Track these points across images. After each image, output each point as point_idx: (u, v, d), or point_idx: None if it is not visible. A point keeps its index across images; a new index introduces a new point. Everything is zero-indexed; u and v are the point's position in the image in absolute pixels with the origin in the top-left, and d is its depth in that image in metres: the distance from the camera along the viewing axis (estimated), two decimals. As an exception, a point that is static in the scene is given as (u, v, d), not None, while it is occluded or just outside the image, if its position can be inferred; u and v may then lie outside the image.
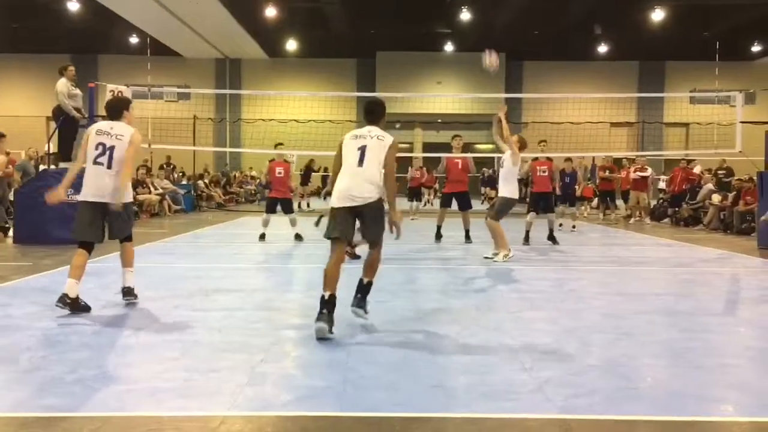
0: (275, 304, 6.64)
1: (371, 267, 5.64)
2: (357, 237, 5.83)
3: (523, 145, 10.06)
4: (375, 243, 5.55)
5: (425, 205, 18.53)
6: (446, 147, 13.20)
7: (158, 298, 6.66)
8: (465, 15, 27.44)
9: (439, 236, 12.07)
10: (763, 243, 11.53)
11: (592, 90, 30.44)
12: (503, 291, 7.36)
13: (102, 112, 13.63)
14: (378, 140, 5.46)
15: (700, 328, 5.70)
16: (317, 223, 11.06)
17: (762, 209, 11.83)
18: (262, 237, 12.04)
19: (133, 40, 30.77)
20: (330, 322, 5.12)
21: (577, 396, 3.87)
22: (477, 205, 26.44)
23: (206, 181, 24.66)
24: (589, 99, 26.81)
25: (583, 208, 20.34)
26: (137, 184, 17.92)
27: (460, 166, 12.11)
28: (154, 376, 4.14)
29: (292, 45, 32.26)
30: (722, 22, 27.98)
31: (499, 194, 10.10)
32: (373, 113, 5.79)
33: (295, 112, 25.06)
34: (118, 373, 4.23)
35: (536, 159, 12.97)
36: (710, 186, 17.15)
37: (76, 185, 7.74)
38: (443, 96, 31.63)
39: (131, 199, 6.51)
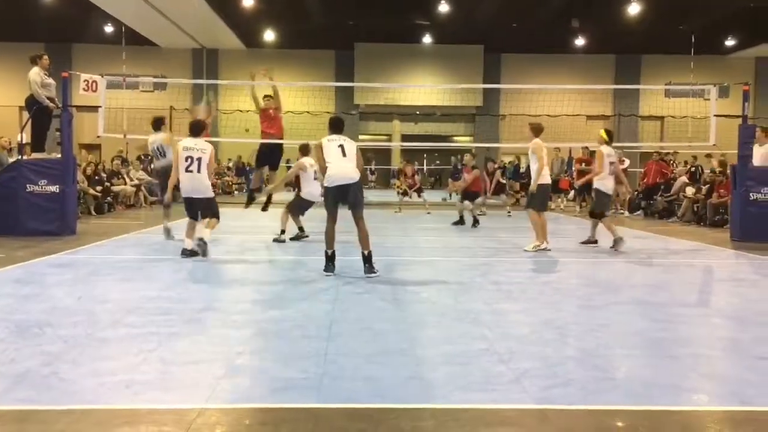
0: (253, 296, 6.61)
1: (364, 239, 7.51)
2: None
3: (539, 130, 10.18)
4: (360, 216, 7.54)
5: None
6: (424, 138, 13.41)
7: (135, 290, 6.60)
8: (444, 7, 27.40)
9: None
10: (736, 235, 11.71)
11: (569, 83, 30.60)
12: (481, 283, 7.40)
13: (76, 101, 13.50)
14: (349, 142, 7.73)
15: (674, 318, 5.77)
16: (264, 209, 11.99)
17: (735, 201, 12.02)
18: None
19: (108, 29, 30.30)
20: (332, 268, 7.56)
21: (553, 386, 3.91)
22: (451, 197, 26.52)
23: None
24: (566, 91, 27.00)
25: (559, 200, 20.50)
26: (111, 174, 17.73)
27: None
28: (131, 368, 4.11)
29: (270, 35, 32.01)
30: (698, 16, 28.24)
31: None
32: (338, 126, 7.94)
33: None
34: (94, 366, 4.18)
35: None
36: (684, 179, 17.36)
37: (52, 176, 7.82)
38: (421, 87, 31.63)
39: (213, 194, 9.13)
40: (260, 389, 3.84)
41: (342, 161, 7.54)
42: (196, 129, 9.14)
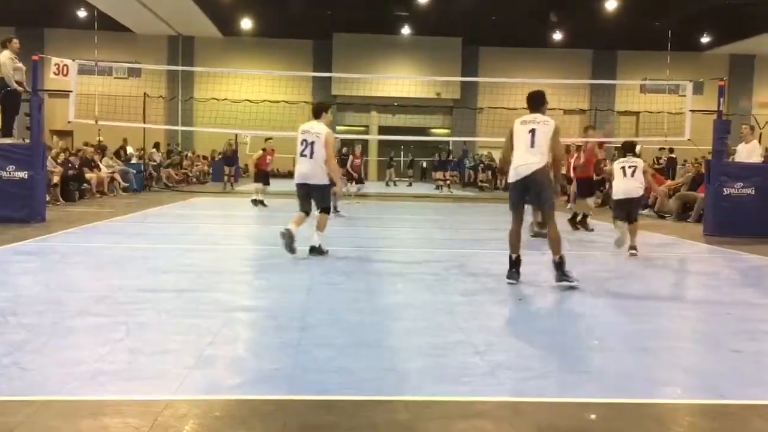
0: (224, 285, 6.50)
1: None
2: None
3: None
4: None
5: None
6: (402, 131, 13.27)
7: (104, 279, 6.46)
8: (423, -2, 27.36)
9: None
10: (709, 230, 11.81)
11: (546, 77, 30.71)
12: (457, 274, 7.35)
13: (47, 86, 13.23)
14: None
15: (648, 312, 5.77)
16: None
17: (708, 196, 12.12)
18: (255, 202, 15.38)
19: (82, 14, 29.81)
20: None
21: (528, 379, 3.87)
22: (434, 189, 26.53)
23: (157, 161, 24.12)
24: (543, 85, 27.05)
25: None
26: (84, 163, 17.42)
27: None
28: (97, 358, 3.99)
29: (247, 24, 31.71)
30: (674, 12, 28.49)
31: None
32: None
33: (250, 91, 24.69)
34: (59, 356, 4.06)
35: None
36: (650, 171, 17.51)
37: (20, 162, 7.53)
38: (399, 79, 31.54)
39: (328, 182, 8.38)
40: (231, 380, 3.74)
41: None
42: (318, 111, 8.48)
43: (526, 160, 6.47)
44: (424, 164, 33.76)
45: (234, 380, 3.74)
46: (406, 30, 33.22)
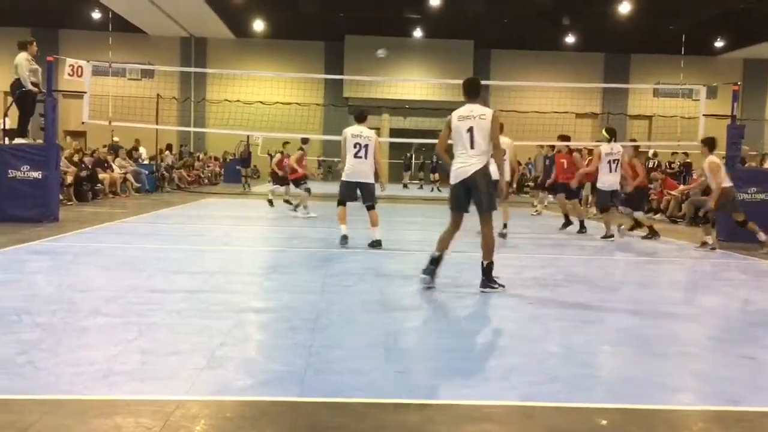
0: (236, 286, 6.52)
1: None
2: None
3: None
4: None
5: None
6: (413, 133, 13.30)
7: (116, 279, 6.49)
8: (435, 1, 27.32)
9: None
10: (722, 235, 11.71)
11: (558, 80, 30.62)
12: (468, 277, 7.33)
13: (62, 87, 13.31)
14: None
15: (660, 316, 5.74)
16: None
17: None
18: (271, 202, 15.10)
19: (96, 15, 29.99)
20: None
21: (539, 383, 3.85)
22: (428, 192, 26.46)
23: (170, 162, 24.23)
24: (555, 89, 27.00)
25: (543, 198, 20.46)
26: (97, 163, 17.53)
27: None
28: (109, 358, 4.01)
29: (259, 26, 31.78)
30: (687, 16, 28.33)
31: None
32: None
33: (262, 93, 24.74)
34: (71, 355, 4.08)
35: None
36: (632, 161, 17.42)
37: (35, 162, 7.57)
38: (411, 81, 31.53)
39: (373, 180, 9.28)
40: (242, 381, 3.75)
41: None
42: (361, 116, 9.54)
43: (465, 162, 6.33)
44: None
45: (245, 381, 3.75)
46: (418, 32, 33.20)
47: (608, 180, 11.15)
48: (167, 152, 24.47)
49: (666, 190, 16.63)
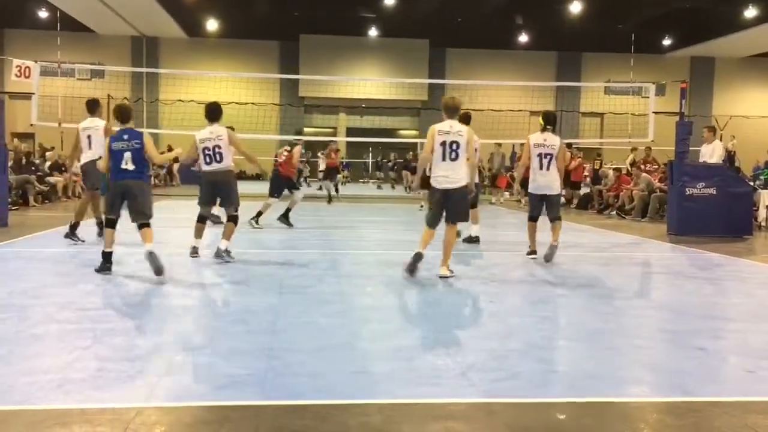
0: (194, 290, 6.44)
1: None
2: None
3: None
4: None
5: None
6: (370, 132, 13.23)
7: (69, 284, 6.35)
8: (390, 0, 27.38)
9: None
10: (673, 229, 12.03)
11: (512, 78, 30.98)
12: (426, 276, 7.37)
13: (8, 88, 12.96)
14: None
15: (614, 311, 5.87)
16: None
17: (672, 196, 12.35)
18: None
19: (43, 14, 29.25)
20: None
21: (499, 380, 3.90)
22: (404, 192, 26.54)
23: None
24: (510, 87, 27.31)
25: (499, 195, 20.72)
26: (55, 166, 17.11)
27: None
28: (64, 366, 3.92)
29: (213, 25, 31.43)
30: (637, 15, 28.99)
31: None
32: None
33: (216, 93, 24.44)
34: (24, 364, 3.98)
35: None
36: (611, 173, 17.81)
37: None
38: (367, 80, 31.54)
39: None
40: (202, 386, 3.71)
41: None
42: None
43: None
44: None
45: (205, 386, 3.71)
46: (373, 32, 33.23)
47: (537, 181, 8.59)
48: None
49: (623, 186, 16.98)
